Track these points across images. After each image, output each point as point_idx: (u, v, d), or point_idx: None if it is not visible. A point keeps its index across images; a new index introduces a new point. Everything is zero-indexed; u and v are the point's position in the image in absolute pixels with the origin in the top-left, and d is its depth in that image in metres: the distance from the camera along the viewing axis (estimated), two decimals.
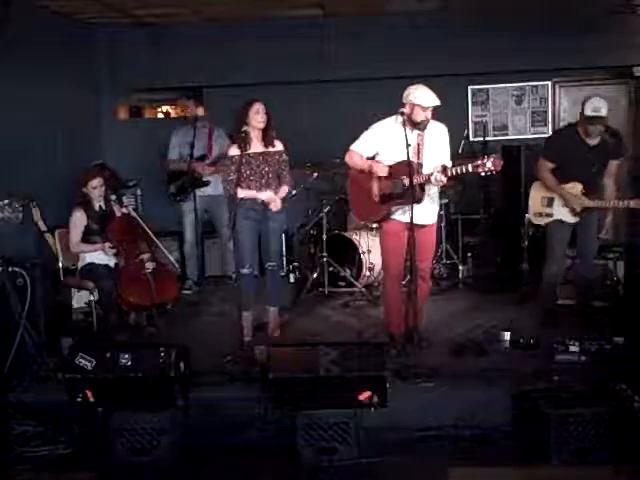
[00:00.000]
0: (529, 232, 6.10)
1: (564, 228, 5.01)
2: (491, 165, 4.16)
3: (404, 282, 5.04)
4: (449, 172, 4.31)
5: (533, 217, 5.18)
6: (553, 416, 3.58)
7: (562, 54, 6.93)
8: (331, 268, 6.30)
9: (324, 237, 6.27)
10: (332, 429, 3.68)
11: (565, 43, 6.86)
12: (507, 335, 4.71)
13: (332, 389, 3.74)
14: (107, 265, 5.26)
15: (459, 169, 4.29)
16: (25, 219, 5.00)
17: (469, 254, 6.75)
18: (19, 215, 4.86)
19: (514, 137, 7.51)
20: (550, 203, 5.00)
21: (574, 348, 4.36)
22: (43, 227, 5.33)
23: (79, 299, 5.62)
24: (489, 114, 7.59)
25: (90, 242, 5.27)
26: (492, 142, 7.21)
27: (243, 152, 4.72)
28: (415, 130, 4.46)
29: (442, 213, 6.51)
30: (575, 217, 4.93)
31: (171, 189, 6.52)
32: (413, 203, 4.37)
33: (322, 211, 6.34)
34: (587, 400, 3.71)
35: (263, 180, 4.85)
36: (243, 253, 4.90)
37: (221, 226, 6.61)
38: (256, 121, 4.78)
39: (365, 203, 4.69)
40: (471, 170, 4.24)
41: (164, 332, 5.02)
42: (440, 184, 4.44)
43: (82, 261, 5.30)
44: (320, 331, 5.22)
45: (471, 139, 7.29)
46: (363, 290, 6.14)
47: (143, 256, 5.20)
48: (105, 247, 5.21)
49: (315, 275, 6.35)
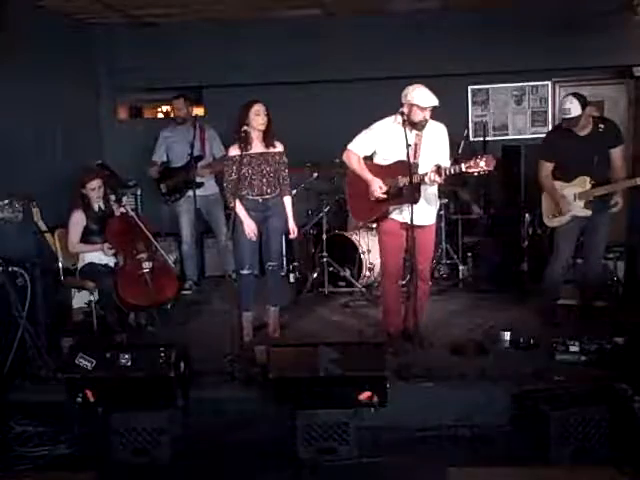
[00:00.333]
0: (529, 232, 6.10)
1: (575, 226, 4.97)
2: (484, 165, 4.15)
3: (404, 282, 5.05)
4: (443, 172, 4.31)
5: (547, 220, 5.12)
6: (553, 416, 3.58)
7: (562, 54, 6.93)
8: (331, 268, 6.31)
9: (324, 237, 6.28)
10: (332, 429, 3.68)
11: (565, 43, 6.85)
12: (507, 335, 4.71)
13: (332, 389, 3.74)
14: (107, 265, 5.26)
15: (453, 169, 4.29)
16: (25, 219, 4.99)
17: (469, 254, 6.75)
18: (19, 215, 4.86)
19: (514, 137, 7.51)
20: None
21: (574, 348, 4.37)
22: (43, 227, 5.33)
23: (79, 299, 5.62)
24: (489, 114, 7.58)
25: (89, 242, 5.28)
26: (492, 142, 7.21)
27: (243, 152, 4.73)
28: (413, 130, 4.46)
29: (442, 213, 6.53)
30: (588, 210, 4.88)
31: (162, 189, 6.52)
32: (410, 203, 4.38)
33: (322, 211, 6.35)
34: (587, 400, 3.71)
35: (264, 180, 4.85)
36: (243, 253, 4.90)
37: (216, 225, 6.61)
38: (256, 122, 4.78)
39: (362, 203, 4.69)
40: (464, 170, 4.24)
41: (164, 332, 5.02)
42: (434, 184, 4.44)
43: (82, 261, 5.31)
44: (320, 331, 5.22)
45: (471, 139, 7.28)
46: (363, 290, 6.14)
47: (141, 255, 5.20)
48: (104, 247, 5.22)
49: (315, 275, 6.35)
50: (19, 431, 3.93)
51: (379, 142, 4.59)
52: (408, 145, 4.33)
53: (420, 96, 4.40)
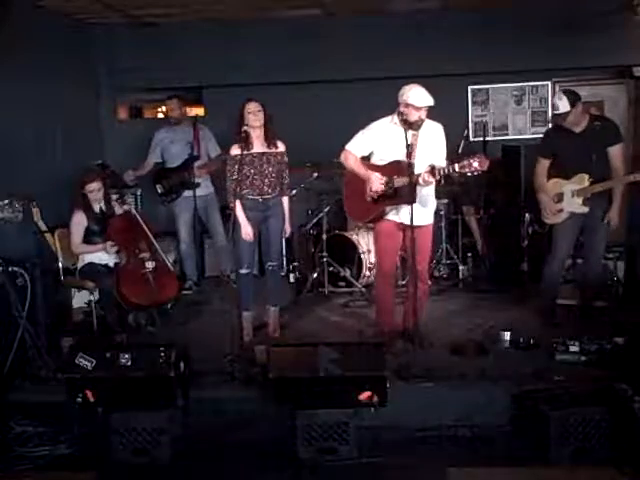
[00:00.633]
0: (529, 232, 6.10)
1: (573, 224, 4.97)
2: (478, 165, 4.14)
3: (404, 282, 5.05)
4: (437, 173, 4.30)
5: (545, 217, 5.12)
6: (553, 416, 3.58)
7: (562, 54, 6.92)
8: (331, 268, 6.31)
9: (324, 237, 6.28)
10: (332, 429, 3.68)
11: (565, 43, 6.85)
12: (507, 335, 4.71)
13: (332, 389, 3.74)
14: (107, 265, 5.26)
15: (446, 169, 4.29)
16: (25, 219, 4.99)
17: (469, 254, 6.75)
18: (19, 215, 4.86)
19: (514, 137, 7.51)
20: (560, 199, 4.96)
21: (574, 348, 4.37)
22: (43, 227, 5.33)
23: (79, 299, 5.62)
24: (489, 114, 7.58)
25: (91, 243, 5.28)
26: (492, 142, 7.20)
27: (244, 152, 4.73)
28: (410, 130, 4.45)
29: (442, 213, 6.53)
30: (585, 206, 4.86)
31: (158, 190, 6.52)
32: (406, 203, 4.38)
33: (322, 211, 6.35)
34: (587, 400, 3.71)
35: (265, 180, 4.85)
36: (242, 253, 4.90)
37: (212, 225, 6.60)
38: (251, 121, 4.78)
39: (359, 203, 4.69)
40: (458, 170, 4.23)
41: (164, 332, 5.02)
42: (428, 184, 4.43)
43: (82, 261, 5.30)
44: (320, 331, 5.22)
45: (471, 139, 7.28)
46: (363, 290, 6.14)
47: (144, 255, 5.21)
48: (107, 246, 5.21)
49: (315, 275, 6.35)
50: (19, 431, 3.94)
51: (376, 142, 4.59)
52: (409, 145, 4.32)
53: (415, 96, 4.39)
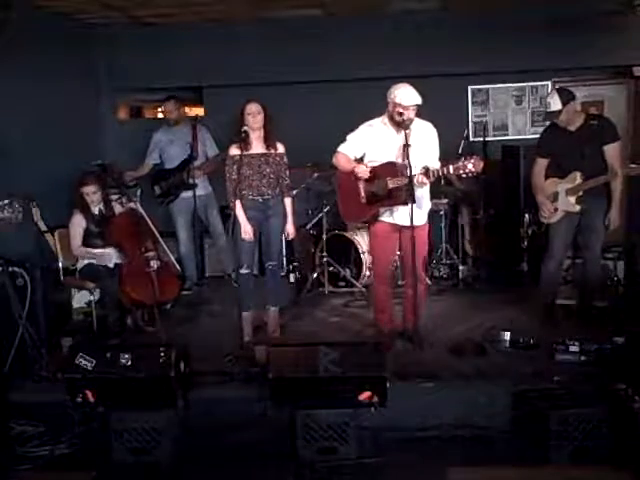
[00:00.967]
0: (529, 232, 6.10)
1: (568, 223, 4.96)
2: (472, 167, 4.14)
3: (402, 282, 5.05)
4: (431, 174, 4.30)
5: (542, 216, 5.11)
6: (553, 416, 3.58)
7: (562, 54, 6.92)
8: (331, 268, 6.31)
9: (324, 237, 6.28)
10: (332, 429, 3.69)
11: (565, 43, 6.85)
12: (507, 335, 4.71)
13: (332, 389, 3.74)
14: (107, 265, 5.25)
15: (440, 170, 4.29)
16: (25, 219, 4.98)
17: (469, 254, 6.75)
18: (19, 215, 4.85)
19: (514, 137, 7.51)
20: (555, 198, 4.97)
21: (574, 348, 4.36)
22: (43, 227, 5.34)
23: (79, 299, 5.62)
24: (489, 114, 7.58)
25: (91, 245, 5.28)
26: (492, 142, 7.20)
27: (244, 152, 4.73)
28: (400, 130, 4.44)
29: (442, 213, 6.54)
30: (578, 205, 4.85)
31: (156, 191, 6.52)
32: (401, 204, 4.40)
33: (322, 211, 6.35)
34: (587, 400, 3.71)
35: (264, 181, 4.85)
36: (242, 253, 4.90)
37: (210, 225, 6.60)
38: (250, 122, 4.78)
39: (353, 204, 4.68)
40: (452, 172, 4.23)
41: (164, 332, 5.02)
42: (423, 186, 4.43)
43: (82, 261, 5.30)
44: (320, 331, 5.23)
45: (471, 139, 7.27)
46: (363, 290, 6.13)
47: (149, 254, 5.21)
48: (109, 253, 5.20)
49: (315, 275, 6.35)
50: (19, 431, 3.94)
51: (368, 143, 4.58)
52: (408, 145, 4.31)
53: (402, 94, 4.38)
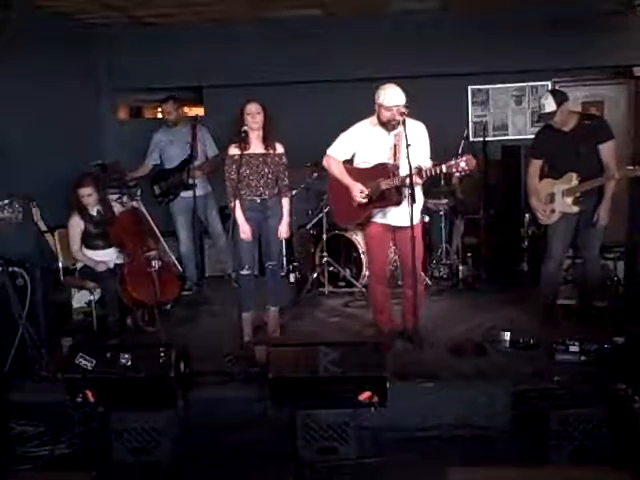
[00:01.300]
0: (529, 232, 6.10)
1: (566, 224, 4.95)
2: (465, 165, 4.14)
3: (400, 283, 5.05)
4: (424, 174, 4.29)
5: (540, 218, 5.12)
6: (553, 416, 3.58)
7: (562, 54, 6.92)
8: (331, 268, 6.31)
9: (324, 237, 6.28)
10: (332, 429, 3.68)
11: (565, 43, 6.85)
12: (507, 335, 4.71)
13: (332, 389, 3.74)
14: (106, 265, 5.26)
15: (433, 170, 4.28)
16: (25, 219, 4.99)
17: (469, 254, 6.75)
18: (19, 215, 4.85)
19: (514, 137, 7.51)
20: (552, 199, 4.96)
21: (574, 348, 4.36)
22: (43, 227, 5.34)
23: (79, 299, 5.62)
24: (489, 114, 7.58)
25: (90, 246, 5.28)
26: (492, 142, 7.20)
27: (243, 152, 4.74)
28: (392, 130, 4.43)
29: (442, 213, 6.54)
30: (576, 206, 4.84)
31: (155, 190, 6.53)
32: (393, 205, 4.40)
33: (322, 211, 6.35)
34: (587, 400, 3.71)
35: (262, 181, 4.84)
36: (242, 254, 4.90)
37: (210, 224, 6.60)
38: (250, 122, 4.78)
39: (345, 206, 4.68)
40: (445, 171, 4.23)
41: (164, 332, 5.02)
42: (416, 185, 4.41)
43: (82, 261, 5.30)
44: (320, 331, 5.22)
45: (471, 139, 7.27)
46: (363, 290, 6.13)
47: (150, 254, 5.21)
48: (106, 262, 5.20)
49: (315, 275, 6.35)
50: (19, 431, 3.94)
51: (357, 145, 4.58)
52: (408, 145, 4.30)
53: (385, 95, 4.38)
